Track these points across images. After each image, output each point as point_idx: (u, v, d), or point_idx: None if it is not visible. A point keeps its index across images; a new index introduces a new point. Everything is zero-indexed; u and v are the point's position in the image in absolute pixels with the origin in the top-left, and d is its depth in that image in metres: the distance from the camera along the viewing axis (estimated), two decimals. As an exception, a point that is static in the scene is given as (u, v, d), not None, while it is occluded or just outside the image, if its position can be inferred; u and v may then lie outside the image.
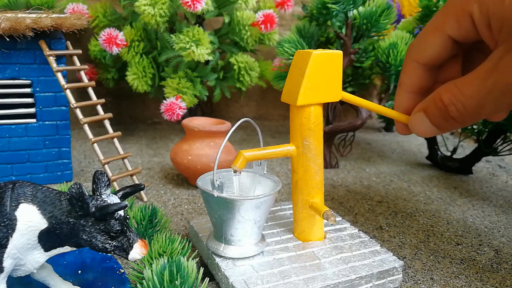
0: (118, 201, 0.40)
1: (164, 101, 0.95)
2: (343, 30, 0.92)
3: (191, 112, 1.12)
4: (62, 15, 0.73)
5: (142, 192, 0.75)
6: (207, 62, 1.04)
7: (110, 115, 0.76)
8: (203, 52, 0.91)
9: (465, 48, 0.42)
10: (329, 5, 0.84)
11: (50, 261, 0.42)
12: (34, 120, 0.75)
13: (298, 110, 0.48)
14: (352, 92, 1.08)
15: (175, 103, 0.94)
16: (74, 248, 0.40)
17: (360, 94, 1.28)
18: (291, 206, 0.62)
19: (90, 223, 0.38)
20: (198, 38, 0.91)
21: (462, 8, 0.37)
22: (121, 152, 0.75)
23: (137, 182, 0.77)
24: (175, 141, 1.12)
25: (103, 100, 0.77)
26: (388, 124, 1.36)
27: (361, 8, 0.87)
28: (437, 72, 0.44)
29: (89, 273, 0.49)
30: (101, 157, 0.72)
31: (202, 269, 0.46)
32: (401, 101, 0.45)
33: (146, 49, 1.02)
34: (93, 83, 0.77)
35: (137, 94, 1.21)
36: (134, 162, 0.93)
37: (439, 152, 1.00)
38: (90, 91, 0.77)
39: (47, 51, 0.71)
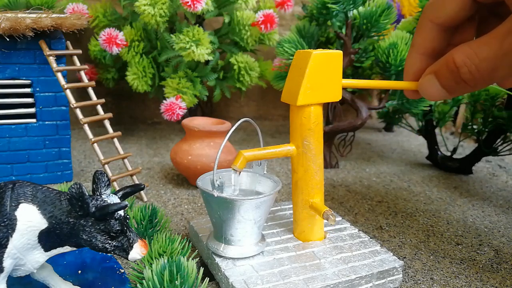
0: (118, 201, 0.40)
1: (164, 101, 0.95)
2: (343, 30, 0.92)
3: (191, 112, 1.12)
4: (62, 15, 0.73)
5: (142, 192, 0.75)
6: (207, 62, 1.04)
7: (110, 115, 0.76)
8: (203, 52, 0.91)
9: (483, 11, 0.41)
10: (329, 5, 0.84)
11: (50, 261, 0.42)
12: (34, 120, 0.75)
13: (298, 110, 0.48)
14: (352, 92, 1.08)
15: (175, 103, 0.94)
16: (74, 248, 0.40)
17: (360, 93, 1.29)
18: (291, 206, 0.62)
19: (90, 223, 0.38)
20: (198, 38, 0.91)
21: None
22: (121, 152, 0.75)
23: (137, 182, 0.77)
24: (175, 141, 1.12)
25: (103, 100, 0.77)
26: (388, 124, 1.36)
27: (361, 8, 0.87)
28: (451, 34, 0.43)
29: (89, 273, 0.49)
30: (101, 157, 0.72)
31: (202, 269, 0.46)
32: (413, 62, 0.44)
33: (146, 49, 1.02)
34: (93, 83, 0.77)
35: (137, 94, 1.21)
36: (134, 162, 0.93)
37: (439, 152, 1.00)
38: (90, 91, 0.77)
39: (47, 51, 0.71)
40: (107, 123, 0.76)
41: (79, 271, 0.49)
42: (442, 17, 0.41)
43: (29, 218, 0.38)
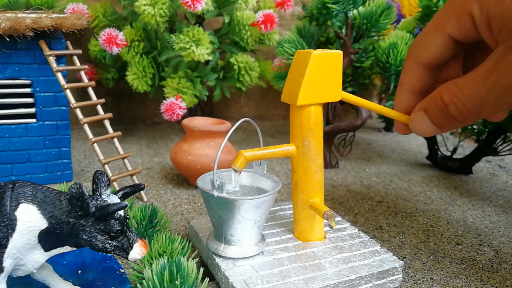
0: (118, 201, 0.40)
1: (164, 101, 0.95)
2: (343, 30, 0.92)
3: (191, 112, 1.12)
4: (62, 15, 0.73)
5: (142, 192, 0.75)
6: (207, 62, 1.04)
7: (110, 115, 0.76)
8: (203, 52, 0.91)
9: (466, 48, 0.42)
10: (329, 5, 0.84)
11: (50, 261, 0.42)
12: (34, 120, 0.75)
13: (298, 110, 0.48)
14: (352, 92, 1.08)
15: (175, 103, 0.94)
16: (74, 248, 0.40)
17: (360, 94, 1.28)
18: (291, 206, 0.62)
19: (90, 223, 0.38)
20: (198, 38, 0.91)
21: (462, 8, 0.38)
22: (121, 152, 0.75)
23: (137, 182, 0.77)
24: (175, 141, 1.12)
25: (103, 100, 0.77)
26: (388, 124, 1.36)
27: (361, 8, 0.87)
28: (438, 72, 0.44)
29: (89, 273, 0.49)
30: (101, 157, 0.72)
31: (202, 269, 0.46)
32: (402, 100, 0.45)
33: (146, 49, 1.02)
34: (93, 83, 0.77)
35: (137, 94, 1.21)
36: (134, 162, 0.93)
37: (439, 152, 1.00)
38: (90, 91, 0.77)
39: (47, 51, 0.71)
40: (107, 123, 0.76)
41: (79, 271, 0.49)
42: (426, 58, 0.42)
43: (29, 218, 0.38)
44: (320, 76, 0.47)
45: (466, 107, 0.37)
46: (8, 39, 0.68)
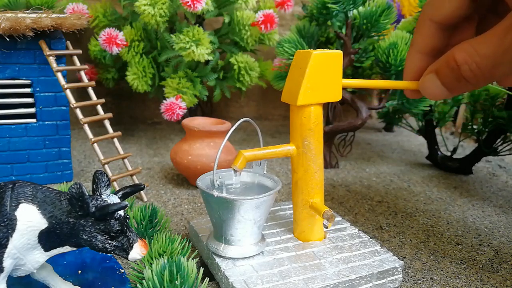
0: (118, 201, 0.40)
1: (164, 101, 0.95)
2: (343, 30, 0.92)
3: (191, 112, 1.12)
4: (62, 15, 0.73)
5: (142, 192, 0.75)
6: (207, 62, 1.04)
7: (110, 115, 0.76)
8: (203, 52, 0.91)
9: (481, 10, 0.41)
10: (329, 5, 0.84)
11: (50, 261, 0.42)
12: (34, 120, 0.75)
13: (298, 110, 0.48)
14: (352, 92, 1.08)
15: (175, 103, 0.94)
16: (74, 248, 0.40)
17: (360, 93, 1.29)
18: (291, 206, 0.62)
19: (90, 223, 0.38)
20: (198, 38, 0.91)
21: None
22: (121, 152, 0.75)
23: (137, 182, 0.77)
24: (175, 141, 1.12)
25: (103, 100, 0.77)
26: (388, 124, 1.36)
27: (361, 8, 0.87)
28: (451, 33, 0.43)
29: (89, 273, 0.49)
30: (101, 157, 0.72)
31: (202, 269, 0.46)
32: (413, 62, 0.44)
33: (146, 49, 1.02)
34: (93, 83, 0.77)
35: (137, 94, 1.21)
36: (134, 162, 0.93)
37: (439, 152, 1.00)
38: (90, 91, 0.77)
39: (47, 51, 0.71)
40: (107, 123, 0.76)
41: (79, 271, 0.49)
42: (440, 16, 0.41)
43: (29, 218, 0.38)
44: (320, 76, 0.47)
45: (480, 67, 0.36)
46: (8, 39, 0.68)
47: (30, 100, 0.74)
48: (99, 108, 0.77)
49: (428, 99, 0.85)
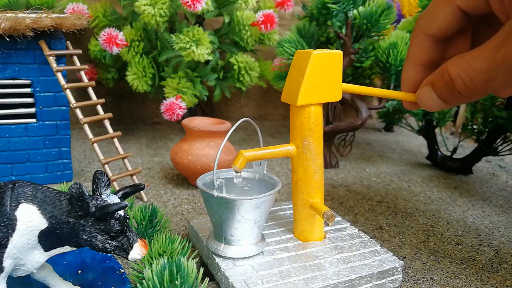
0: (118, 201, 0.40)
1: (164, 101, 0.95)
2: (343, 30, 0.92)
3: (191, 112, 1.12)
4: (62, 15, 0.73)
5: (142, 192, 0.75)
6: (207, 62, 1.04)
7: (110, 115, 0.76)
8: (203, 52, 0.91)
9: (475, 22, 0.42)
10: (329, 5, 0.84)
11: (50, 261, 0.42)
12: (34, 120, 0.75)
13: (298, 110, 0.48)
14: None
15: (175, 103, 0.94)
16: (74, 248, 0.40)
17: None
18: (291, 206, 0.62)
19: (90, 223, 0.38)
20: (198, 38, 0.91)
21: None
22: (121, 152, 0.75)
23: (137, 182, 0.76)
24: (175, 141, 1.12)
25: (103, 100, 0.77)
26: (388, 124, 1.36)
27: (361, 8, 0.87)
28: (445, 45, 0.43)
29: (89, 273, 0.49)
30: (101, 157, 0.72)
31: (202, 269, 0.46)
32: (409, 73, 0.44)
33: (146, 49, 1.02)
34: (93, 83, 0.77)
35: (137, 94, 1.21)
36: (134, 162, 0.93)
37: (439, 152, 1.00)
38: (90, 91, 0.77)
39: (47, 51, 0.71)
40: (107, 123, 0.76)
41: (79, 271, 0.49)
42: (434, 29, 0.41)
43: (29, 218, 0.38)
44: (320, 76, 0.47)
45: (474, 82, 0.36)
46: (8, 39, 0.68)
47: (30, 100, 0.74)
48: (99, 108, 0.77)
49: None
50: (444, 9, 0.40)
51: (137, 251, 0.40)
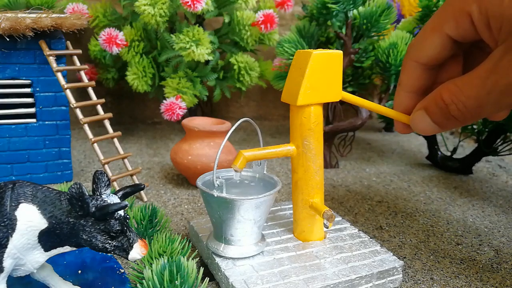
0: (118, 201, 0.40)
1: (164, 101, 0.95)
2: (343, 30, 0.92)
3: (191, 112, 1.12)
4: (62, 15, 0.73)
5: (142, 192, 0.75)
6: (207, 62, 1.04)
7: (110, 115, 0.76)
8: (203, 52, 0.91)
9: (465, 47, 0.42)
10: (329, 5, 0.84)
11: (50, 261, 0.42)
12: (34, 120, 0.75)
13: (298, 110, 0.48)
14: (352, 92, 1.07)
15: (175, 103, 0.94)
16: (74, 248, 0.40)
17: (360, 94, 1.28)
18: (291, 206, 0.62)
19: (90, 223, 0.38)
20: (198, 38, 0.91)
21: (460, 8, 0.37)
22: (121, 152, 0.75)
23: (137, 182, 0.77)
24: (175, 141, 1.12)
25: (103, 100, 0.77)
26: (388, 124, 1.36)
27: (361, 8, 0.87)
28: (437, 71, 0.44)
29: (89, 273, 0.49)
30: (101, 157, 0.72)
31: (202, 269, 0.46)
32: (401, 100, 0.45)
33: (146, 49, 1.02)
34: (93, 83, 0.77)
35: (137, 94, 1.21)
36: (134, 162, 0.93)
37: (439, 152, 1.00)
38: (90, 91, 0.77)
39: (47, 51, 0.71)
40: (107, 123, 0.76)
41: (79, 271, 0.49)
42: (424, 58, 0.42)
43: (29, 218, 0.38)
44: (320, 76, 0.47)
45: (467, 107, 0.37)
46: (8, 39, 0.68)
47: (30, 100, 0.74)
48: (99, 108, 0.77)
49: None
50: (433, 38, 0.40)
51: (137, 251, 0.40)
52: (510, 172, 0.99)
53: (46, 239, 0.39)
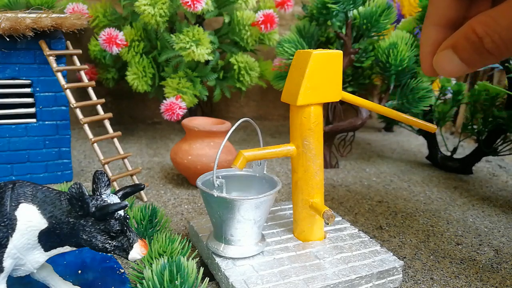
0: (118, 201, 0.40)
1: (164, 101, 0.95)
2: (343, 30, 0.92)
3: (191, 112, 1.12)
4: (62, 15, 0.73)
5: (142, 192, 0.75)
6: (207, 62, 1.04)
7: (110, 115, 0.76)
8: (203, 52, 0.91)
9: None
10: (329, 5, 0.84)
11: (50, 261, 0.42)
12: (34, 120, 0.75)
13: (298, 110, 0.48)
14: (352, 92, 1.08)
15: (175, 103, 0.94)
16: (74, 248, 0.40)
17: (360, 94, 1.28)
18: (291, 206, 0.62)
19: (90, 223, 0.38)
20: (198, 38, 0.91)
21: None
22: (121, 152, 0.75)
23: (137, 182, 0.76)
24: (175, 141, 1.12)
25: (103, 100, 0.77)
26: (388, 124, 1.36)
27: (361, 8, 0.87)
28: (467, 5, 0.41)
29: (89, 273, 0.49)
30: (101, 157, 0.72)
31: (202, 269, 0.46)
32: (428, 35, 0.41)
33: (146, 49, 1.02)
34: (93, 83, 0.77)
35: (137, 94, 1.21)
36: (134, 162, 0.93)
37: (439, 152, 1.00)
38: (90, 91, 0.77)
39: (47, 51, 0.71)
40: (107, 123, 0.76)
41: (79, 271, 0.49)
42: None
43: (29, 218, 0.38)
44: (320, 76, 0.47)
45: (503, 38, 0.34)
46: (8, 39, 0.68)
47: (30, 100, 0.74)
48: (99, 108, 0.77)
49: (429, 100, 0.85)
50: None
51: (137, 251, 0.40)
52: (510, 172, 0.99)
53: (46, 239, 0.39)
